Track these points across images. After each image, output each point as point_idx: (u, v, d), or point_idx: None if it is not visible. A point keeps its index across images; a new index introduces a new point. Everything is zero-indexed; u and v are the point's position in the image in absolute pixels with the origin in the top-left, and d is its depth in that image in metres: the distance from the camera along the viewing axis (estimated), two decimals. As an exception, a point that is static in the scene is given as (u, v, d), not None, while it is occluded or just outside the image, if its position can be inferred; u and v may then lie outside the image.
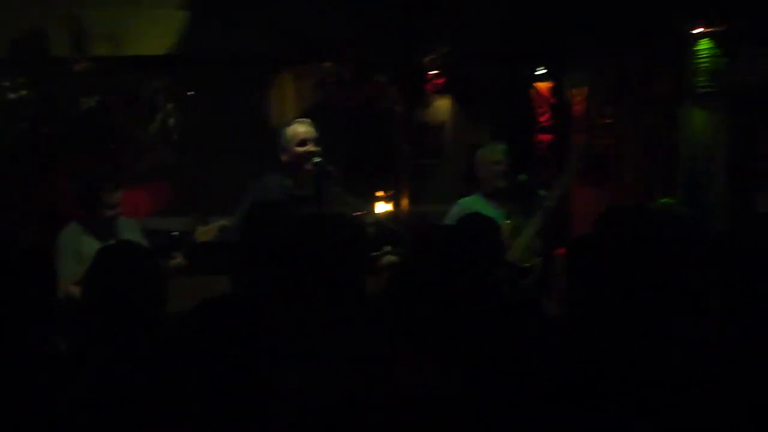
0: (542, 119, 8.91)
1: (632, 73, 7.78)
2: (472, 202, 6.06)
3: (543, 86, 8.85)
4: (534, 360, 2.79)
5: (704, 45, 6.99)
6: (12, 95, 8.36)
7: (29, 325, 2.88)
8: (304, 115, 6.89)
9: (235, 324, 2.63)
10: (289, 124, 5.65)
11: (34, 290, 2.91)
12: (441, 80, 9.12)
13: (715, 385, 2.86)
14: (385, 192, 8.34)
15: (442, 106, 9.34)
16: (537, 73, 8.84)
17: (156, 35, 8.68)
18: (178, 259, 5.57)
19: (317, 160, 5.43)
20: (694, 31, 7.01)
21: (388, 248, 5.10)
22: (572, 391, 2.73)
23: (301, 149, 5.46)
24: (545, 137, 8.90)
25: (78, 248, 5.48)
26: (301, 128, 5.53)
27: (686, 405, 2.82)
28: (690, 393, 2.84)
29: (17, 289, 2.89)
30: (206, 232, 5.61)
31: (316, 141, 5.50)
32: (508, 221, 5.83)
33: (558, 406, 2.67)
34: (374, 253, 5.04)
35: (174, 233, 5.80)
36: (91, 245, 5.16)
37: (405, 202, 9.03)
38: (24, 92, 8.45)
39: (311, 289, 3.20)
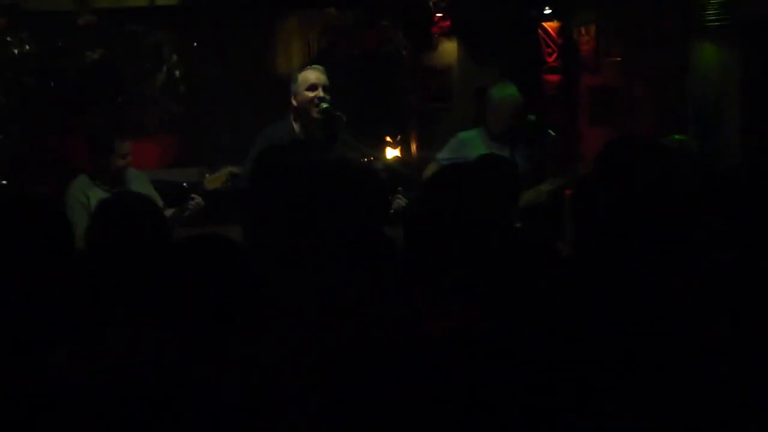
0: (550, 60, 8.84)
1: (640, 9, 7.69)
2: (472, 138, 6.01)
3: (550, 26, 8.78)
4: (551, 301, 2.78)
5: (713, -22, 6.90)
6: (16, 50, 8.31)
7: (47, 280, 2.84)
8: (310, 61, 6.84)
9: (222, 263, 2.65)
10: (300, 70, 5.62)
11: (52, 244, 2.87)
12: (447, 23, 9.05)
13: (728, 322, 2.84)
14: (393, 137, 8.32)
15: (449, 49, 9.27)
16: (544, 12, 8.76)
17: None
18: (197, 200, 5.55)
19: (325, 105, 5.41)
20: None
21: (400, 192, 5.06)
22: (584, 335, 2.72)
23: (310, 94, 5.43)
24: (553, 77, 8.85)
25: (86, 200, 5.48)
26: (312, 74, 5.50)
27: (699, 343, 2.81)
28: (703, 330, 2.83)
29: (36, 244, 2.85)
30: (215, 179, 5.60)
31: (326, 87, 5.47)
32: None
33: (572, 349, 2.67)
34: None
35: (184, 184, 5.78)
36: (99, 197, 5.15)
37: (413, 147, 9.00)
38: (28, 47, 8.40)
39: (326, 235, 3.18)
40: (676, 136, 5.24)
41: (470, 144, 5.91)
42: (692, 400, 2.68)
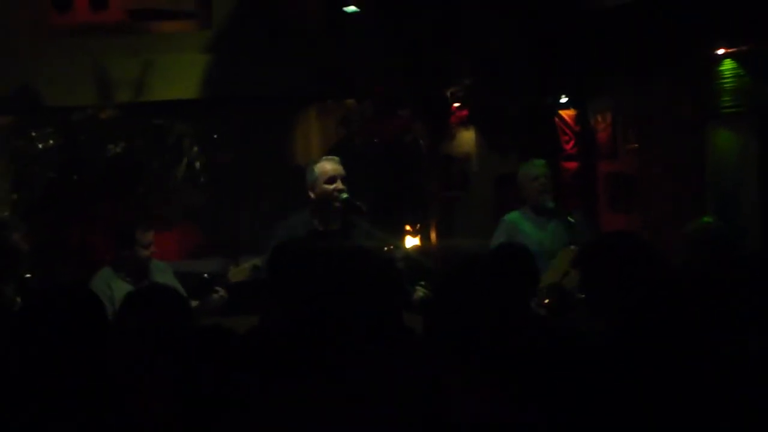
0: (567, 147, 8.88)
1: (656, 96, 7.74)
2: (517, 218, 6.23)
3: (567, 114, 8.84)
4: (577, 385, 2.77)
5: (728, 65, 6.95)
6: (40, 145, 8.44)
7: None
8: (329, 152, 6.91)
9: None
10: (316, 161, 5.66)
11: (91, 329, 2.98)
12: (464, 112, 9.13)
13: (753, 404, 2.82)
14: (412, 226, 8.34)
15: (467, 137, 9.34)
16: (560, 101, 8.82)
17: (179, 80, 8.75)
18: (221, 293, 5.58)
19: (345, 196, 5.44)
20: (718, 52, 6.96)
21: (421, 283, 5.07)
22: (612, 419, 2.71)
23: (329, 186, 5.45)
24: (571, 165, 8.88)
25: (110, 292, 5.50)
26: (329, 165, 5.53)
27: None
28: (727, 412, 2.81)
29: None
30: (240, 272, 5.62)
31: (343, 178, 5.50)
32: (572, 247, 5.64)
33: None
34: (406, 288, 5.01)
35: (206, 275, 5.81)
36: (123, 289, 5.18)
37: (433, 236, 9.01)
38: (51, 141, 8.53)
39: (347, 325, 3.18)
40: (705, 219, 5.28)
41: (516, 226, 6.17)
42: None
